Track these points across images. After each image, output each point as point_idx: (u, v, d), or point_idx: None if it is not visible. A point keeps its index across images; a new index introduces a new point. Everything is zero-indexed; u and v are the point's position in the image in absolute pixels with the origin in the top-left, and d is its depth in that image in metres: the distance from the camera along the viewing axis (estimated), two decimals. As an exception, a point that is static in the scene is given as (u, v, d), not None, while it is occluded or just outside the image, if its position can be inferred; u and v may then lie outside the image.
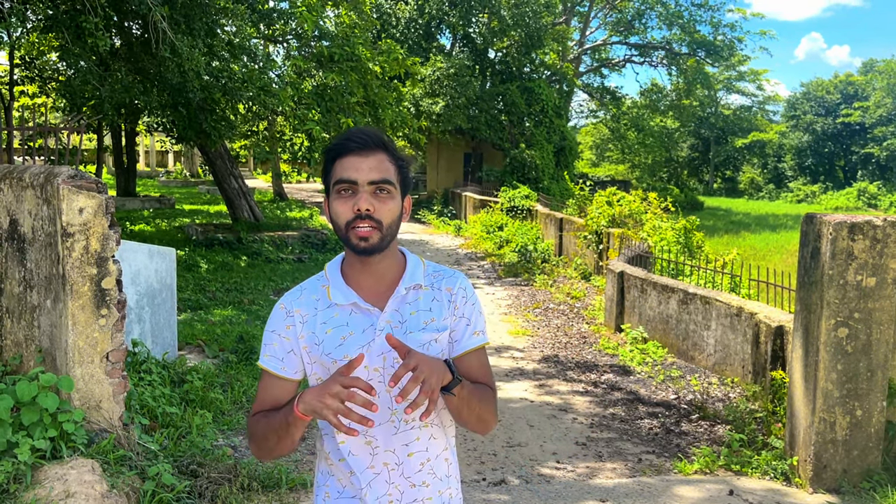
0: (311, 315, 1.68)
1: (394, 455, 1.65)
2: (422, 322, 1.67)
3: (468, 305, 1.72)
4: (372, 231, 1.59)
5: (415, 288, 1.70)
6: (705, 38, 35.91)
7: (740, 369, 6.49)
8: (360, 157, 1.60)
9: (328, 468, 1.71)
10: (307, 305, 1.69)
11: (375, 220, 1.59)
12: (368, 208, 1.58)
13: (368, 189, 1.59)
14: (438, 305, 1.70)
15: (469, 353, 1.71)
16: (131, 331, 5.66)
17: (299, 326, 1.67)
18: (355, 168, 1.59)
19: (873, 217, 4.34)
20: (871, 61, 57.50)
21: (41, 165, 4.48)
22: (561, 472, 4.86)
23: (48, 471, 3.50)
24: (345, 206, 1.60)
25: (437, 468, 1.71)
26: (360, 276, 1.68)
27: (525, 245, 14.61)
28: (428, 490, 1.69)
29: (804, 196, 52.19)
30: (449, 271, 1.76)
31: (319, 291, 1.70)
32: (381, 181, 1.60)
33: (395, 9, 25.71)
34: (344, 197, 1.61)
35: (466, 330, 1.71)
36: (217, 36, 10.78)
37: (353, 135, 1.62)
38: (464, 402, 1.61)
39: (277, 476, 4.20)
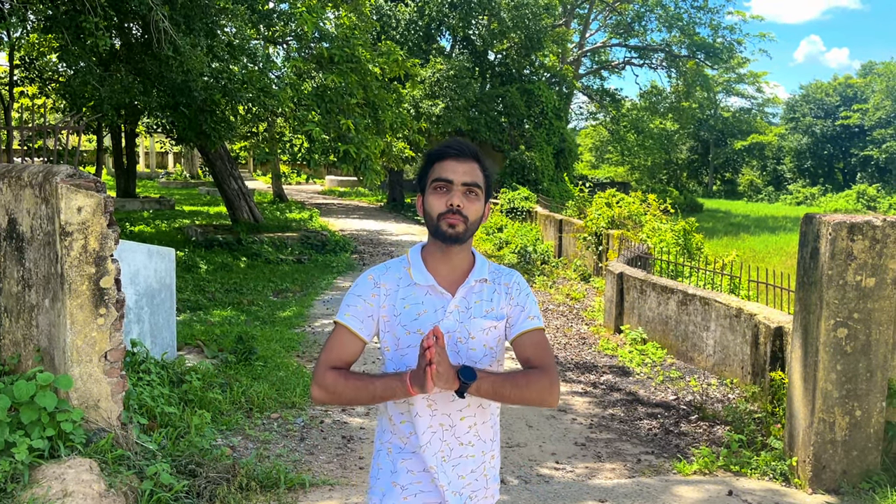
0: (393, 290, 1.98)
1: (448, 418, 1.96)
2: (483, 310, 1.98)
3: (522, 295, 2.03)
4: (460, 222, 1.90)
5: (481, 281, 2.01)
6: (705, 41, 35.95)
7: (739, 370, 6.48)
8: (457, 162, 1.93)
9: (391, 428, 2.01)
10: (391, 281, 1.99)
11: (463, 215, 1.91)
12: (459, 204, 1.90)
13: (461, 189, 1.91)
14: (497, 297, 2.01)
15: (524, 333, 2.00)
16: (130, 331, 5.65)
17: (383, 297, 1.98)
18: (452, 170, 1.92)
19: (872, 217, 4.33)
20: (870, 64, 57.57)
21: (40, 165, 4.48)
22: (560, 472, 4.85)
23: (46, 470, 3.49)
24: (439, 201, 1.91)
25: (483, 432, 2.02)
26: (438, 264, 1.99)
27: (525, 246, 14.61)
28: (472, 449, 2.00)
29: (803, 198, 52.21)
30: (507, 270, 2.09)
31: (402, 271, 2.00)
32: (472, 184, 1.92)
33: (395, 10, 25.72)
34: (440, 193, 1.92)
35: (521, 315, 2.02)
36: (217, 37, 10.78)
37: (454, 144, 1.96)
38: (489, 395, 1.88)
39: (276, 476, 4.19)
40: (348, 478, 4.50)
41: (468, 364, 1.89)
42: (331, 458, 4.84)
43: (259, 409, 5.59)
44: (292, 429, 5.35)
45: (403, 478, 1.98)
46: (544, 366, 1.96)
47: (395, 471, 1.99)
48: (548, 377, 1.94)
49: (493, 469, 2.06)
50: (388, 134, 15.06)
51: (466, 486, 1.99)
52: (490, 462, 2.05)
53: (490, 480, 2.05)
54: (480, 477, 2.02)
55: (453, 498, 1.97)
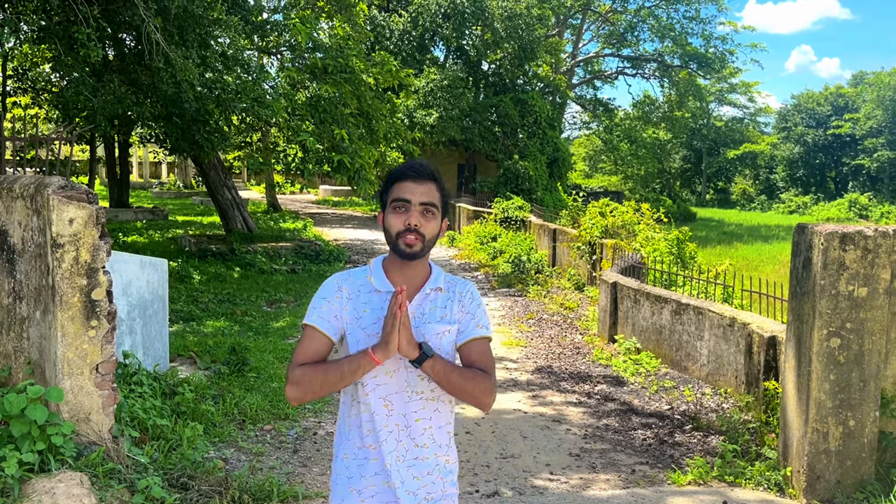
0: (355, 295, 2.10)
1: (404, 418, 2.06)
2: (438, 316, 2.11)
3: (473, 305, 2.15)
4: (416, 241, 2.03)
5: (436, 290, 2.14)
6: (697, 51, 36.20)
7: (733, 379, 6.49)
8: (415, 183, 2.05)
9: (348, 433, 2.11)
10: (354, 287, 2.11)
11: (420, 234, 2.03)
12: (417, 224, 2.02)
13: (419, 209, 2.03)
14: (451, 304, 2.13)
15: (471, 341, 2.12)
16: (122, 342, 5.62)
17: (345, 300, 2.10)
18: (411, 191, 2.04)
19: (864, 227, 4.35)
20: (860, 73, 58.05)
21: (31, 176, 4.47)
22: (554, 483, 4.84)
23: (36, 484, 3.46)
24: (398, 219, 2.03)
25: (438, 436, 2.11)
26: (397, 275, 2.11)
27: (519, 256, 14.62)
28: (427, 451, 2.09)
29: (796, 207, 52.48)
30: (462, 281, 2.21)
31: (364, 279, 2.13)
32: (429, 203, 2.04)
33: (389, 21, 25.82)
34: (398, 212, 2.04)
35: (470, 323, 2.13)
36: (210, 47, 10.78)
37: (412, 165, 2.08)
38: (439, 375, 2.01)
39: (269, 489, 4.16)
40: (342, 490, 4.47)
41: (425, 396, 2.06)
42: (324, 471, 4.81)
43: (252, 420, 5.56)
44: (285, 441, 5.32)
45: (359, 482, 2.08)
46: (487, 370, 2.09)
47: (351, 476, 2.09)
48: (490, 381, 2.07)
49: (449, 473, 2.14)
50: (382, 144, 15.08)
51: (422, 488, 2.07)
52: (446, 465, 2.12)
53: (447, 484, 2.13)
54: (437, 479, 2.10)
55: (407, 497, 2.05)
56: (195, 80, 9.78)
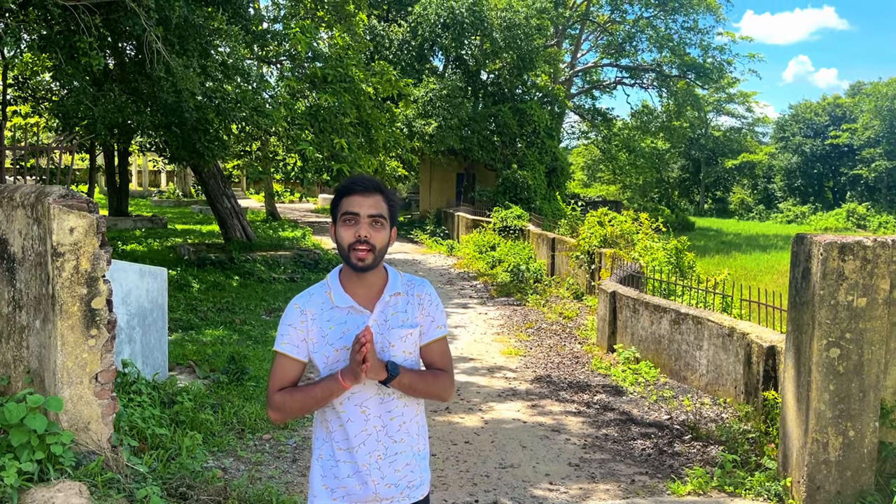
0: (318, 314, 2.20)
1: (380, 419, 2.20)
2: (400, 320, 2.23)
3: (433, 306, 2.28)
4: (367, 253, 2.14)
5: (395, 294, 2.25)
6: (695, 61, 36.33)
7: (733, 389, 6.48)
8: (362, 196, 2.16)
9: (327, 436, 2.23)
10: (315, 307, 2.22)
11: (370, 245, 2.14)
12: (367, 235, 2.13)
13: (367, 221, 2.14)
14: (412, 307, 2.25)
15: (433, 342, 2.28)
16: (121, 351, 5.62)
17: (310, 322, 2.20)
18: (358, 204, 2.14)
19: (863, 238, 4.37)
20: (858, 84, 58.24)
21: (32, 185, 4.47)
22: (554, 493, 4.83)
23: (35, 493, 3.45)
24: (348, 233, 2.14)
25: (410, 428, 2.26)
26: (355, 286, 2.22)
27: (517, 265, 14.62)
28: (404, 444, 2.24)
29: (794, 217, 52.55)
30: (418, 280, 2.31)
31: (323, 296, 2.23)
32: (376, 215, 2.15)
33: (389, 31, 25.91)
34: (348, 225, 2.15)
35: (431, 325, 2.27)
36: (211, 56, 10.82)
37: (357, 180, 2.19)
38: (406, 388, 2.18)
39: (268, 498, 4.15)
40: (341, 500, 4.46)
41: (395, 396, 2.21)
42: (323, 480, 4.80)
43: (251, 430, 5.55)
44: (284, 450, 5.31)
45: (332, 482, 2.22)
46: (447, 369, 2.30)
47: (324, 475, 2.23)
48: (450, 378, 2.29)
49: (423, 459, 2.32)
50: (382, 153, 15.11)
51: (403, 478, 2.24)
52: (420, 452, 2.30)
53: (422, 470, 2.30)
54: (415, 468, 2.27)
55: (388, 490, 2.21)
56: (195, 89, 9.81)
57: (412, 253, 20.18)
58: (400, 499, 2.23)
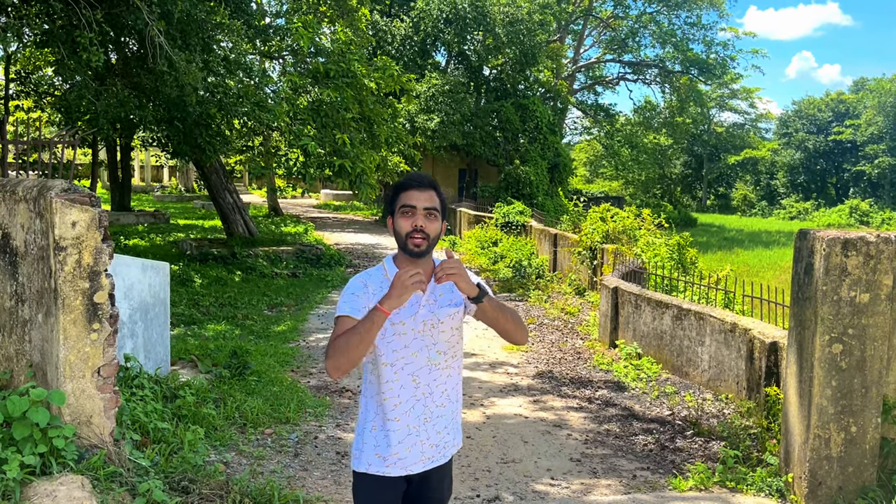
0: (378, 289, 2.42)
1: (427, 387, 2.47)
2: (448, 300, 2.50)
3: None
4: (423, 241, 2.38)
5: None
6: (698, 57, 36.25)
7: (734, 385, 6.48)
8: (418, 191, 2.40)
9: (378, 407, 2.47)
10: (376, 283, 2.46)
11: (425, 233, 2.38)
12: (422, 225, 2.37)
13: (423, 213, 2.38)
14: (453, 287, 2.47)
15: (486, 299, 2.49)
16: (124, 345, 5.62)
17: (371, 295, 2.42)
18: (416, 198, 2.39)
19: (866, 233, 4.35)
20: (861, 80, 58.12)
21: (34, 179, 4.47)
22: (555, 488, 4.83)
23: (37, 487, 3.46)
24: (407, 222, 2.38)
25: (451, 395, 2.54)
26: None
27: (519, 261, 14.62)
28: (445, 409, 2.52)
29: (796, 213, 52.47)
30: None
31: (382, 278, 2.46)
32: (431, 208, 2.40)
33: (391, 26, 25.87)
34: (406, 216, 2.38)
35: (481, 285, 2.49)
36: (213, 51, 10.80)
37: (415, 177, 2.45)
38: (495, 310, 2.41)
39: (270, 492, 4.16)
40: (342, 494, 4.47)
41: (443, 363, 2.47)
42: (325, 475, 4.81)
43: (253, 424, 5.56)
44: (286, 444, 5.31)
45: (385, 450, 2.45)
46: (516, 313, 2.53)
47: (378, 444, 2.46)
48: (522, 322, 2.53)
49: (457, 422, 2.61)
50: (384, 148, 15.09)
51: (442, 438, 2.52)
52: (456, 416, 2.59)
53: (457, 430, 2.60)
54: (452, 429, 2.57)
55: (431, 450, 2.49)
56: (198, 84, 9.80)
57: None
58: (438, 458, 2.51)
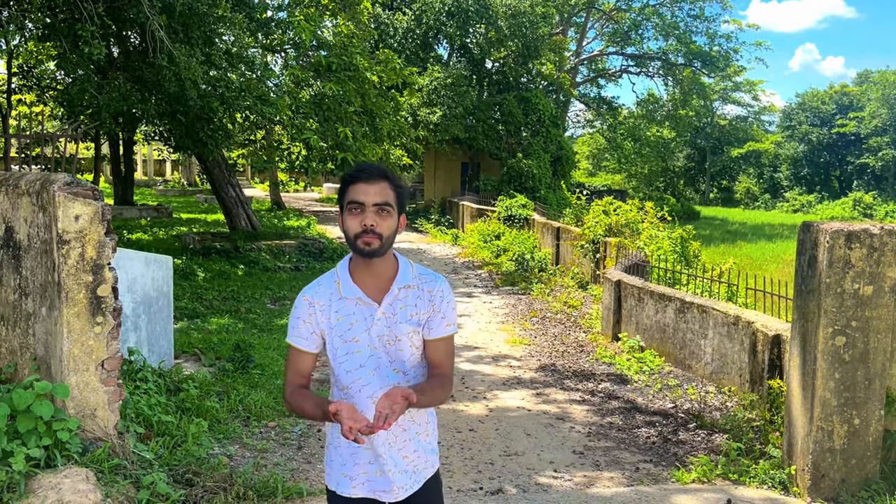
0: (326, 305, 2.22)
1: None
2: (408, 315, 2.21)
3: (444, 303, 2.25)
4: (374, 239, 2.12)
5: (405, 287, 2.22)
6: (701, 49, 36.10)
7: (737, 378, 6.48)
8: (367, 184, 2.13)
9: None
10: (324, 297, 2.23)
11: (377, 233, 2.12)
12: (372, 224, 2.11)
13: (373, 209, 2.12)
14: (421, 303, 2.23)
15: (440, 339, 2.26)
16: (127, 339, 5.64)
17: (319, 314, 2.22)
18: (364, 192, 2.12)
19: (870, 225, 4.34)
20: (865, 72, 57.85)
21: (37, 173, 4.48)
22: (558, 481, 4.84)
23: (42, 480, 3.47)
24: (354, 221, 2.13)
25: (417, 417, 2.30)
26: (363, 275, 2.21)
27: (522, 254, 14.61)
28: (409, 433, 2.29)
29: (800, 206, 52.33)
30: (432, 275, 2.28)
31: (332, 286, 2.23)
32: (382, 203, 2.13)
33: (393, 19, 25.79)
34: (354, 214, 2.13)
35: (441, 322, 2.25)
36: (215, 45, 10.79)
37: (363, 168, 2.17)
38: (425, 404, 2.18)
39: (273, 485, 4.17)
40: (346, 487, 4.48)
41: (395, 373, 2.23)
42: (328, 467, 4.82)
43: (256, 417, 5.57)
44: (289, 437, 5.33)
45: (351, 469, 2.27)
46: (449, 373, 2.29)
47: (344, 463, 2.28)
48: (449, 382, 2.28)
49: (429, 444, 2.35)
50: (386, 142, 15.07)
51: (410, 464, 2.29)
52: (426, 439, 2.34)
53: (429, 453, 2.34)
54: (422, 453, 2.32)
55: (399, 477, 2.26)
56: (199, 78, 9.78)
57: (417, 242, 20.18)
58: (412, 485, 2.29)
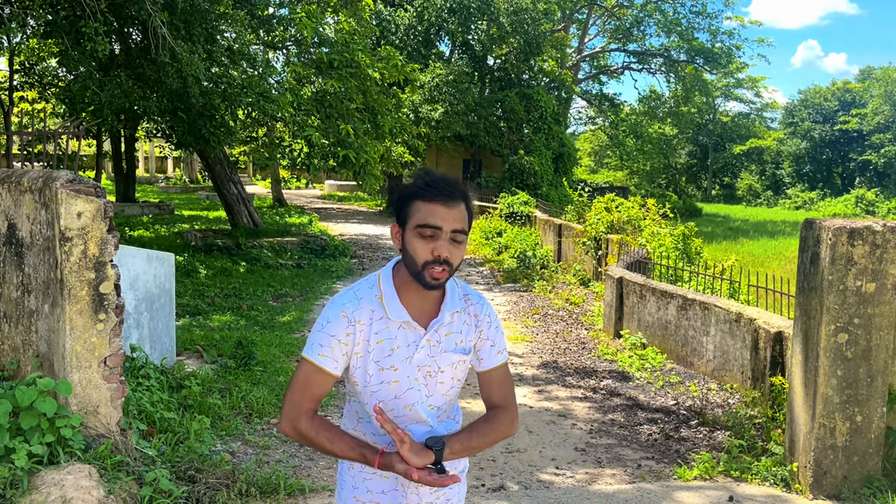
0: (367, 325, 1.90)
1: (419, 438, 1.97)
2: (454, 343, 1.97)
3: (492, 329, 2.03)
4: (444, 273, 1.84)
5: (454, 313, 1.97)
6: (703, 46, 36.03)
7: (739, 375, 6.48)
8: (446, 207, 1.82)
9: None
10: (365, 315, 1.90)
11: (449, 264, 1.84)
12: (447, 256, 1.82)
13: (448, 237, 1.82)
14: (467, 328, 1.99)
15: (493, 369, 2.03)
16: (130, 336, 5.64)
17: (359, 335, 1.90)
18: (442, 217, 1.81)
19: (873, 222, 4.33)
20: (868, 69, 57.73)
21: (39, 170, 4.48)
22: (560, 478, 4.84)
23: (45, 476, 3.48)
24: (425, 248, 1.82)
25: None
26: (413, 297, 1.92)
27: (524, 251, 14.61)
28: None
29: (802, 203, 52.27)
30: (477, 296, 2.03)
31: (374, 302, 1.92)
32: (459, 230, 1.84)
33: (395, 16, 25.77)
34: (425, 239, 1.82)
35: (491, 350, 2.02)
36: (216, 42, 10.78)
37: (441, 185, 1.83)
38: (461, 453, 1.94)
39: (275, 482, 4.18)
40: (348, 483, 4.48)
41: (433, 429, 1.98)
42: (330, 464, 4.83)
43: (259, 414, 5.58)
44: (292, 434, 5.33)
45: (364, 495, 2.03)
46: (508, 406, 2.04)
47: (356, 487, 2.04)
48: (509, 416, 2.03)
49: (462, 472, 2.11)
50: (388, 139, 15.06)
51: (441, 496, 2.05)
52: (458, 466, 2.09)
53: (460, 490, 2.11)
54: (451, 492, 2.07)
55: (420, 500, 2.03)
56: (201, 75, 9.78)
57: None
58: None
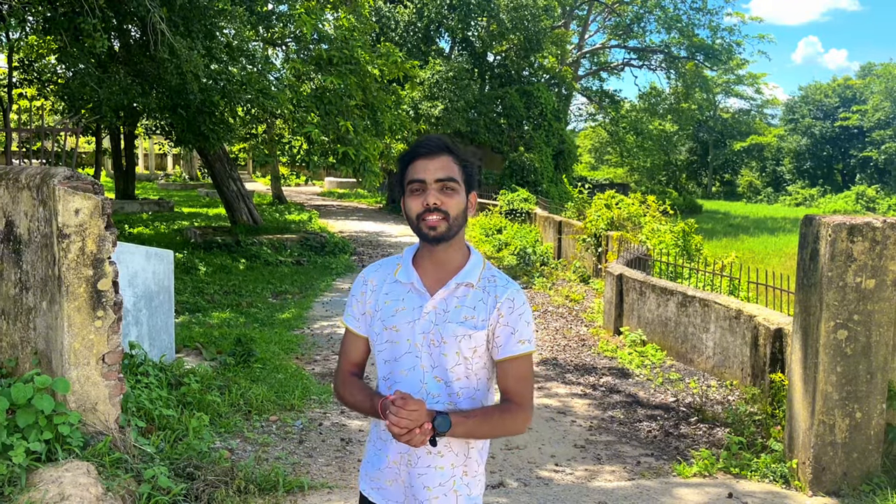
0: (378, 286, 1.99)
1: None
2: (461, 316, 1.89)
3: (514, 316, 1.90)
4: (440, 221, 1.85)
5: (466, 285, 1.92)
6: (704, 42, 35.98)
7: (739, 372, 6.47)
8: (427, 160, 1.87)
9: (377, 429, 2.04)
10: (379, 278, 2.00)
11: (443, 212, 1.85)
12: (436, 202, 1.85)
13: (436, 186, 1.86)
14: (483, 307, 1.90)
15: (510, 358, 1.92)
16: (128, 333, 5.64)
17: (370, 293, 2.00)
18: (424, 169, 1.87)
19: (872, 219, 4.32)
20: (869, 65, 57.67)
21: (37, 167, 4.47)
22: (560, 474, 4.84)
23: (43, 473, 3.47)
24: (416, 202, 1.87)
25: (455, 443, 1.96)
26: (425, 261, 1.95)
27: (524, 248, 14.59)
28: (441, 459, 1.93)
29: (802, 199, 52.24)
30: (504, 280, 1.95)
31: (392, 268, 2.00)
32: (446, 179, 1.86)
33: (395, 12, 25.72)
34: (416, 194, 1.88)
35: (510, 338, 1.90)
36: (216, 38, 10.75)
37: (421, 142, 1.91)
38: (465, 436, 1.88)
39: (274, 479, 4.17)
40: (347, 480, 4.48)
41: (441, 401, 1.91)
42: (329, 461, 4.82)
43: (258, 411, 5.58)
44: (291, 431, 5.33)
45: (372, 471, 2.03)
46: (522, 402, 1.94)
47: (369, 461, 2.07)
48: (522, 414, 1.93)
49: (465, 487, 1.94)
50: (387, 135, 15.05)
51: (431, 499, 1.90)
52: (462, 478, 1.93)
53: (461, 499, 1.93)
54: (450, 493, 1.91)
55: (423, 491, 1.90)
56: (200, 72, 9.76)
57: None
58: None
